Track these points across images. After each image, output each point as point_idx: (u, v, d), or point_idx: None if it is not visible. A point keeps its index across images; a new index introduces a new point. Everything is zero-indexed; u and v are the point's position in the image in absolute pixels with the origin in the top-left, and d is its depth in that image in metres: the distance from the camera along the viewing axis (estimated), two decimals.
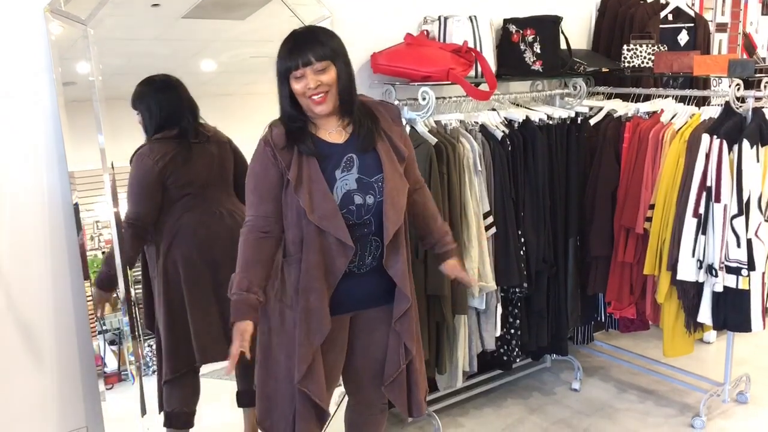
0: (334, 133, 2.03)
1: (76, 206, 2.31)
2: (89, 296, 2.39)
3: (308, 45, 1.92)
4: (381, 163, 2.02)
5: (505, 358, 3.17)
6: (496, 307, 2.98)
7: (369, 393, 2.25)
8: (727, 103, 2.88)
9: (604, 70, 3.42)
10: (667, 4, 3.70)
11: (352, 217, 1.99)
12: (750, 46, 4.28)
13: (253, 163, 2.02)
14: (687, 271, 2.85)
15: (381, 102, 2.16)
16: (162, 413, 2.53)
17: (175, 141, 2.43)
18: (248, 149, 2.06)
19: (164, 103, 2.43)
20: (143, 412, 2.47)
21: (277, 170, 1.97)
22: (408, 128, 2.74)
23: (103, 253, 2.43)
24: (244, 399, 2.68)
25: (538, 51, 3.11)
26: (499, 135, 2.92)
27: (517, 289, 3.04)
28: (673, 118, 3.07)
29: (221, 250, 2.47)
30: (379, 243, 2.04)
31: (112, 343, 2.48)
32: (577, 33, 3.73)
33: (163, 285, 2.47)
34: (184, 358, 2.51)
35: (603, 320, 3.60)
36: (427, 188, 2.30)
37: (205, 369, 2.61)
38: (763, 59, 4.35)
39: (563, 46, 3.19)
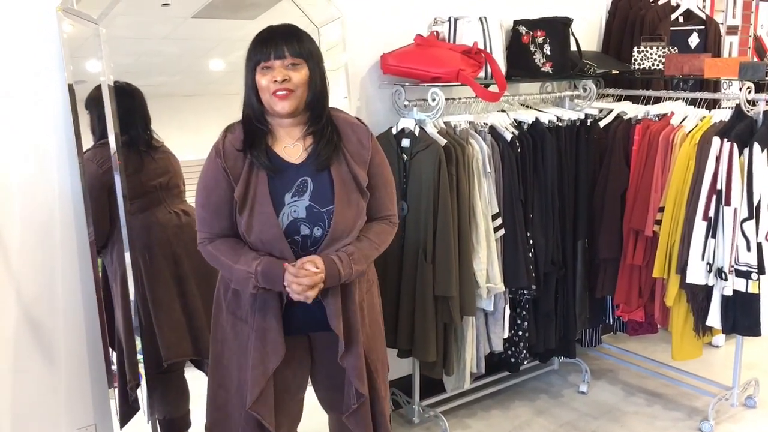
0: (291, 147, 1.92)
1: (86, 204, 2.31)
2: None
3: (284, 38, 1.83)
4: (334, 192, 1.88)
5: (512, 359, 3.17)
6: (504, 308, 2.97)
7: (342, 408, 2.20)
8: (738, 106, 2.86)
9: (614, 72, 3.41)
10: (678, 6, 3.69)
11: (296, 248, 1.87)
12: (761, 49, 4.27)
13: (204, 174, 1.93)
14: (696, 275, 2.84)
15: (352, 122, 2.00)
16: (124, 424, 2.47)
17: (123, 148, 2.35)
18: None
19: (118, 108, 2.33)
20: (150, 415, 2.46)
21: (229, 183, 1.87)
22: (417, 129, 2.74)
23: None
24: None
25: (548, 52, 3.11)
26: (508, 136, 2.91)
27: (525, 291, 3.03)
28: (683, 120, 3.06)
29: (180, 244, 2.45)
30: None
31: None
32: (588, 35, 3.71)
33: (120, 286, 2.38)
34: (149, 359, 2.44)
35: (611, 323, 3.60)
36: (390, 228, 2.04)
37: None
38: None
39: (573, 47, 3.18)
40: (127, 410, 2.46)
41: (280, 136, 1.94)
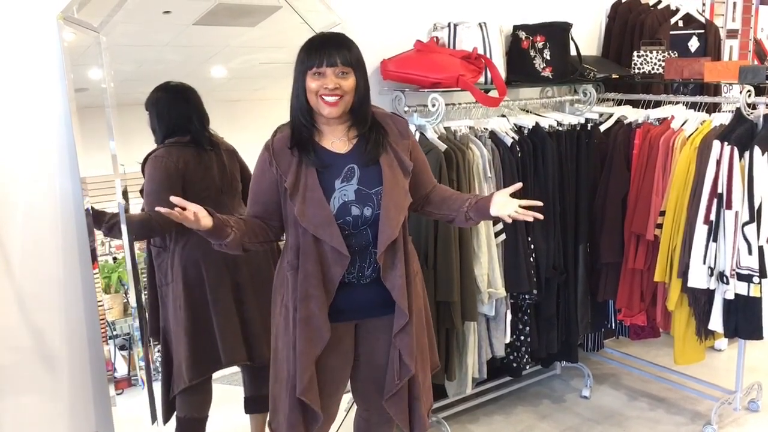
0: (337, 142, 2.04)
1: (87, 212, 2.32)
2: (100, 302, 2.41)
3: (336, 47, 1.94)
4: (382, 175, 2.01)
5: (514, 365, 3.16)
6: (506, 313, 2.98)
7: (375, 401, 2.23)
8: (738, 110, 2.87)
9: (614, 76, 3.42)
10: (678, 10, 3.70)
11: (348, 228, 1.98)
12: (761, 53, 4.27)
13: (255, 165, 2.07)
14: (698, 279, 2.83)
15: (390, 115, 2.14)
16: (167, 421, 2.51)
17: (190, 147, 2.44)
18: (256, 154, 2.07)
19: (175, 108, 2.44)
20: (153, 418, 2.46)
21: (272, 176, 2.00)
22: (418, 135, 2.74)
23: (114, 259, 2.45)
24: (251, 405, 2.68)
25: (548, 57, 3.11)
26: (508, 141, 2.92)
27: (526, 296, 3.03)
28: (683, 124, 3.06)
29: None
30: None
31: (122, 348, 2.49)
32: (587, 39, 3.72)
33: (183, 288, 2.45)
34: (206, 364, 2.50)
35: (613, 327, 3.59)
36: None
37: (215, 374, 2.60)
38: None
39: (573, 52, 3.19)
40: (169, 407, 2.52)
41: (327, 131, 2.05)
